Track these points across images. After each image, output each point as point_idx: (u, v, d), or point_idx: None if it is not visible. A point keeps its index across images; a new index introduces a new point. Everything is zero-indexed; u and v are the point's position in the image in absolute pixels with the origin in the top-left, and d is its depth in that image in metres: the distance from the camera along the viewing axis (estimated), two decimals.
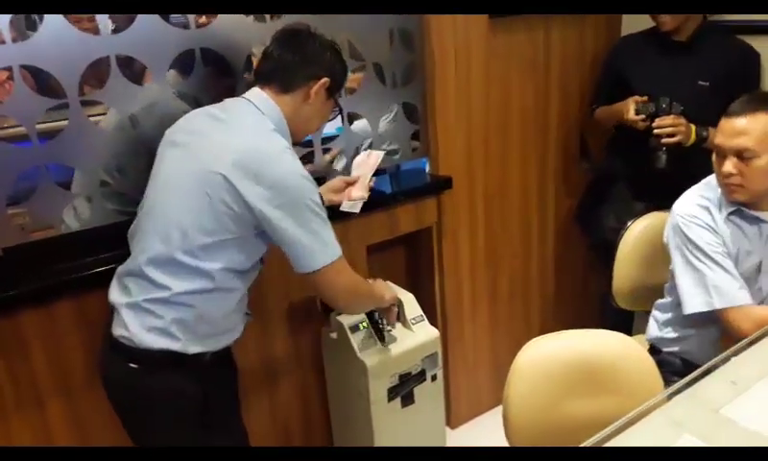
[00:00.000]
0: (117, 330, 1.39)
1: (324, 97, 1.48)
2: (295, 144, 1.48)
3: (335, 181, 1.81)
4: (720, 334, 1.62)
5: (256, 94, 1.44)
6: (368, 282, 1.67)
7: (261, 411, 2.02)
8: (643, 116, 2.06)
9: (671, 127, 2.02)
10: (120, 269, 1.45)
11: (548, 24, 2.34)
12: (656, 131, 2.03)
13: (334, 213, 1.48)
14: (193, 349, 1.40)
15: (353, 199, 1.77)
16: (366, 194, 1.77)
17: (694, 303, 1.57)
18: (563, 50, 2.41)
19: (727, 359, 1.18)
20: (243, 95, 1.46)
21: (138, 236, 1.42)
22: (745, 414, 1.01)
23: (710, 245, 1.56)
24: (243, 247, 1.39)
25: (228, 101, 1.47)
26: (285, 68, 1.43)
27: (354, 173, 1.83)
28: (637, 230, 1.96)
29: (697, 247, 1.57)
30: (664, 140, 2.03)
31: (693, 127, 2.05)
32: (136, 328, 1.36)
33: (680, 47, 2.15)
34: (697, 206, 1.60)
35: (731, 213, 1.57)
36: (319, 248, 1.38)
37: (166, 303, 1.36)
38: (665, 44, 2.17)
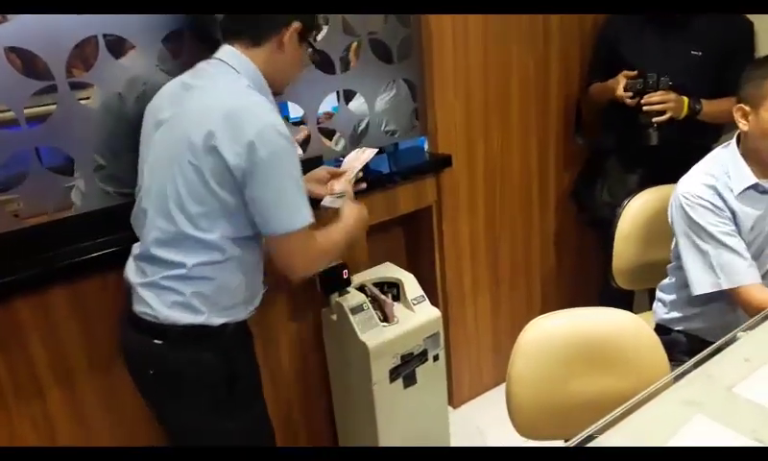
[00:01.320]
0: (139, 307, 1.39)
1: (297, 43, 1.42)
2: (276, 95, 1.45)
3: (319, 171, 1.72)
4: (728, 307, 1.60)
5: (227, 52, 1.39)
6: (332, 236, 1.50)
7: None
8: (631, 94, 2.03)
9: (659, 103, 2.00)
10: (134, 251, 1.44)
11: None
12: (645, 108, 2.01)
13: (314, 206, 1.42)
14: (217, 320, 1.39)
15: (335, 193, 1.69)
16: (348, 189, 1.69)
17: (702, 284, 1.57)
18: (562, 24, 2.36)
19: (738, 337, 1.16)
20: (214, 55, 1.40)
21: (141, 220, 1.40)
22: (759, 391, 0.99)
23: (715, 225, 1.53)
24: (239, 214, 1.36)
25: (199, 64, 1.42)
26: (253, 19, 1.37)
27: (343, 166, 1.77)
28: (634, 208, 1.94)
29: (701, 228, 1.55)
30: (655, 118, 2.01)
31: (686, 99, 2.03)
32: (158, 305, 1.36)
33: (671, 18, 2.11)
34: (702, 185, 1.57)
35: (746, 188, 1.54)
36: (287, 211, 1.33)
37: (184, 278, 1.35)
38: (657, 16, 2.13)
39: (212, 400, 1.45)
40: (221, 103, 1.31)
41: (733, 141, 1.59)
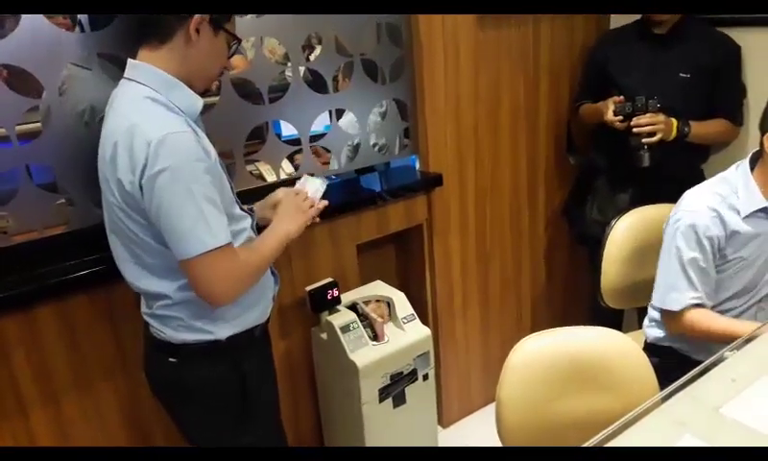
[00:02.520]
0: (153, 329, 1.40)
1: (210, 33, 1.28)
2: (204, 94, 1.36)
3: (277, 192, 1.57)
4: None
5: (130, 67, 1.28)
6: (261, 250, 1.38)
7: None
8: (621, 118, 2.05)
9: (649, 125, 2.01)
10: None
11: (537, 18, 2.32)
12: (635, 130, 2.03)
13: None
14: (225, 333, 1.38)
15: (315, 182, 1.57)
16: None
17: (654, 297, 1.66)
18: (552, 44, 2.39)
19: (725, 357, 1.16)
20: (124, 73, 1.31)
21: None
22: (746, 412, 1.00)
23: (692, 250, 1.56)
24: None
25: (114, 91, 1.32)
26: (153, 18, 1.25)
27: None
28: (622, 228, 1.94)
29: (678, 248, 1.58)
30: (645, 140, 2.02)
31: (674, 121, 2.05)
32: (166, 329, 1.37)
33: (661, 40, 2.14)
34: (706, 207, 1.57)
35: (755, 211, 1.55)
36: (193, 232, 1.20)
37: (175, 305, 1.34)
38: (647, 37, 2.17)
39: (227, 416, 1.44)
40: (118, 123, 1.23)
41: (745, 162, 1.60)
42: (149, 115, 1.21)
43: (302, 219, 1.47)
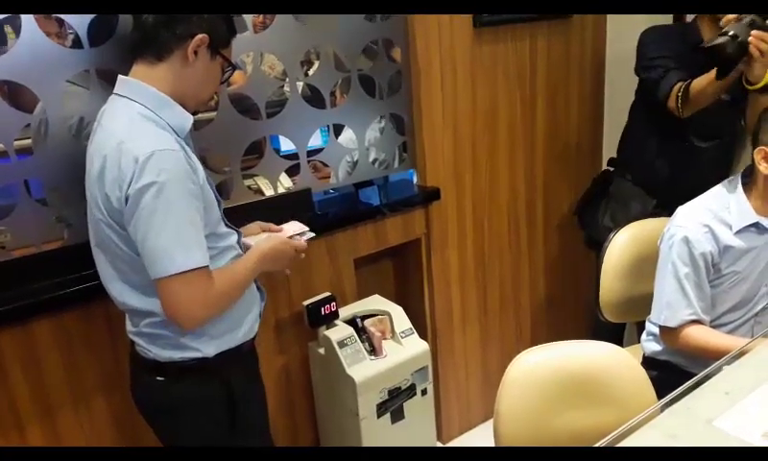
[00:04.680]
0: (139, 348, 1.40)
1: (207, 57, 1.30)
2: (195, 114, 1.37)
3: (252, 226, 1.58)
4: None
5: (120, 83, 1.29)
6: (235, 277, 1.36)
7: None
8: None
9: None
10: None
11: (533, 32, 2.34)
12: (753, 36, 1.62)
13: None
14: (212, 350, 1.37)
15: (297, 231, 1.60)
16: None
17: (653, 313, 1.64)
18: (548, 58, 2.41)
19: (719, 369, 1.16)
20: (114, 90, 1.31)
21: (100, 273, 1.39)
22: (739, 425, 0.99)
23: (686, 266, 1.56)
24: None
25: (104, 107, 1.34)
26: (155, 34, 1.26)
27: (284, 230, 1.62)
28: (621, 241, 1.92)
29: (673, 264, 1.58)
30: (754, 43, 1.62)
31: None
32: (152, 347, 1.36)
33: None
34: (698, 223, 1.57)
35: (746, 226, 1.55)
36: (169, 250, 1.19)
37: (162, 322, 1.33)
38: (693, 43, 1.92)
39: (216, 433, 1.43)
40: (105, 140, 1.23)
41: (737, 178, 1.61)
42: (138, 132, 1.22)
43: (286, 265, 1.51)
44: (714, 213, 1.57)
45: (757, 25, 1.65)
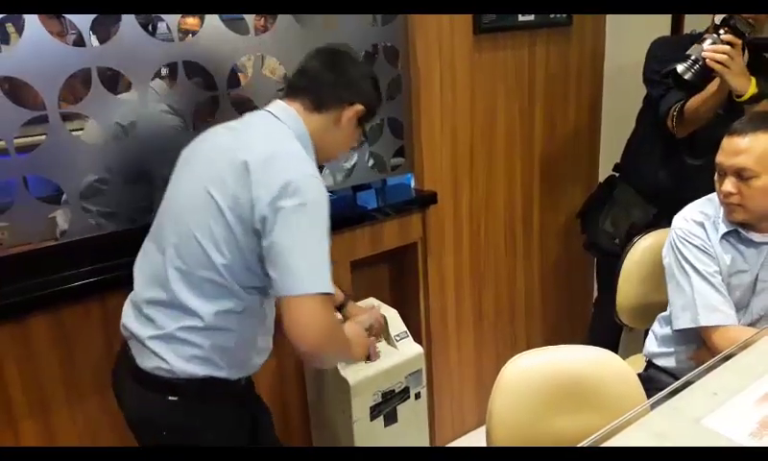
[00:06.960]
0: (149, 363, 1.29)
1: (354, 124, 1.40)
2: (318, 166, 1.41)
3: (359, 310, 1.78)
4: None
5: (278, 106, 1.36)
6: (344, 332, 1.47)
7: None
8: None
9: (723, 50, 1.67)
10: (136, 298, 1.35)
11: (533, 39, 2.36)
12: (707, 45, 1.69)
13: None
14: (236, 375, 1.34)
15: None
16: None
17: (682, 319, 1.58)
18: (547, 65, 2.43)
19: (708, 371, 1.17)
20: (265, 107, 1.38)
21: (151, 261, 1.34)
22: (726, 424, 1.00)
23: (702, 262, 1.55)
24: (258, 264, 1.28)
25: (247, 114, 1.41)
26: (321, 86, 1.35)
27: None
28: (642, 248, 1.92)
29: (689, 262, 1.57)
30: (708, 55, 1.68)
31: (753, 79, 1.73)
32: (174, 359, 1.27)
33: None
34: (693, 221, 1.59)
35: (726, 233, 1.56)
36: (307, 268, 1.21)
37: (202, 330, 1.27)
38: None
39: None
40: (259, 143, 1.28)
41: None
42: (296, 151, 1.29)
43: (362, 353, 1.63)
44: (707, 216, 1.60)
45: (715, 42, 1.69)
